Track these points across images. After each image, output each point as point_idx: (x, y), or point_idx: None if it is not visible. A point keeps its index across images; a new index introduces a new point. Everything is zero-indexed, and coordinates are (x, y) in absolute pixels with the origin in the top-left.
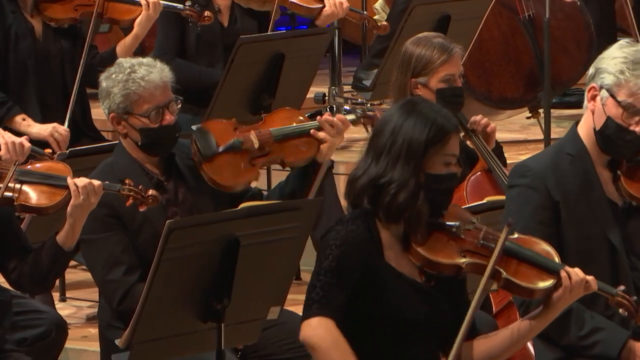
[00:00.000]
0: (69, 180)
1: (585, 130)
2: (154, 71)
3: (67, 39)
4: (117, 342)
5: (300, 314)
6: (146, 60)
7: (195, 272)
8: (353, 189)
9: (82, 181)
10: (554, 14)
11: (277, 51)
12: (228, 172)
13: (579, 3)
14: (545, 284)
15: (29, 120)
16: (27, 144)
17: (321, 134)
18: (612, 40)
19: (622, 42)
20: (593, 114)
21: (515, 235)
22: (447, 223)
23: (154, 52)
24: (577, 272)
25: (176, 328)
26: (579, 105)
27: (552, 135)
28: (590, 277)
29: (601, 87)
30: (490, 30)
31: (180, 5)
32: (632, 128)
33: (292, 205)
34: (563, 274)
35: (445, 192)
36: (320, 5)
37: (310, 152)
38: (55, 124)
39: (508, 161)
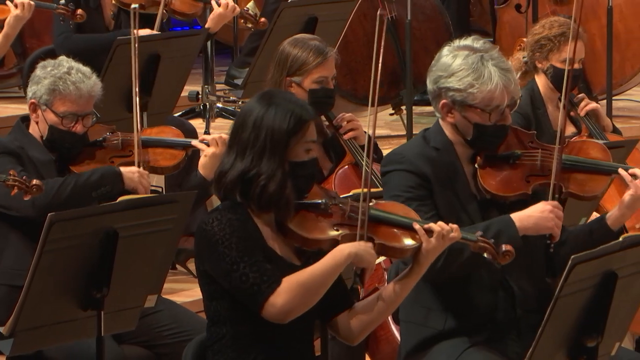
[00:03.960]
0: None
1: (448, 130)
2: (86, 82)
3: None
4: (1, 329)
5: (177, 301)
6: (85, 69)
7: (76, 262)
8: (222, 184)
9: None
10: (415, 15)
11: (153, 52)
12: (85, 165)
13: (438, 5)
14: (413, 242)
15: None
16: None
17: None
18: None
19: (445, 51)
20: (457, 127)
21: (373, 202)
22: (314, 202)
23: (54, 34)
24: (440, 225)
25: (58, 316)
26: None
27: (414, 131)
28: (454, 226)
29: (453, 103)
30: (355, 31)
31: (52, 5)
32: (501, 123)
33: (168, 198)
34: (421, 231)
35: (309, 177)
36: (201, 4)
37: (174, 161)
38: None
39: None
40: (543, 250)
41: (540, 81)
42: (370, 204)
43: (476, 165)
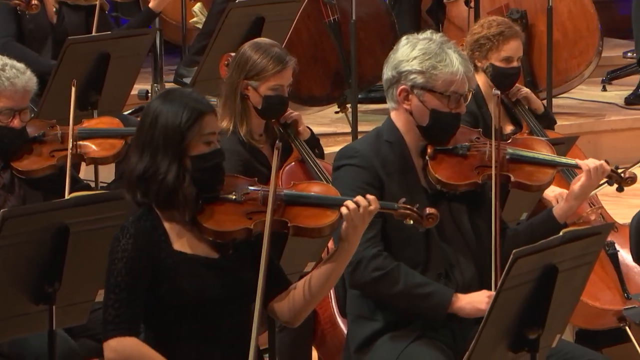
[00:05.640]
0: None
1: (400, 123)
2: (21, 77)
3: None
4: None
5: None
6: (19, 65)
7: (28, 258)
8: (129, 186)
9: None
10: (359, 16)
11: (103, 51)
12: (26, 160)
13: (383, 5)
14: (329, 219)
15: None
16: None
17: None
18: None
19: (404, 41)
20: (411, 113)
21: (291, 183)
22: (226, 193)
23: None
24: (358, 200)
25: (10, 310)
26: (382, 100)
27: (359, 129)
28: (371, 197)
29: (413, 87)
30: (299, 32)
31: None
32: (456, 111)
33: (118, 194)
34: (343, 209)
35: (214, 169)
36: None
37: (113, 150)
38: None
39: None
40: (489, 244)
41: (481, 80)
42: (289, 186)
43: (427, 157)
